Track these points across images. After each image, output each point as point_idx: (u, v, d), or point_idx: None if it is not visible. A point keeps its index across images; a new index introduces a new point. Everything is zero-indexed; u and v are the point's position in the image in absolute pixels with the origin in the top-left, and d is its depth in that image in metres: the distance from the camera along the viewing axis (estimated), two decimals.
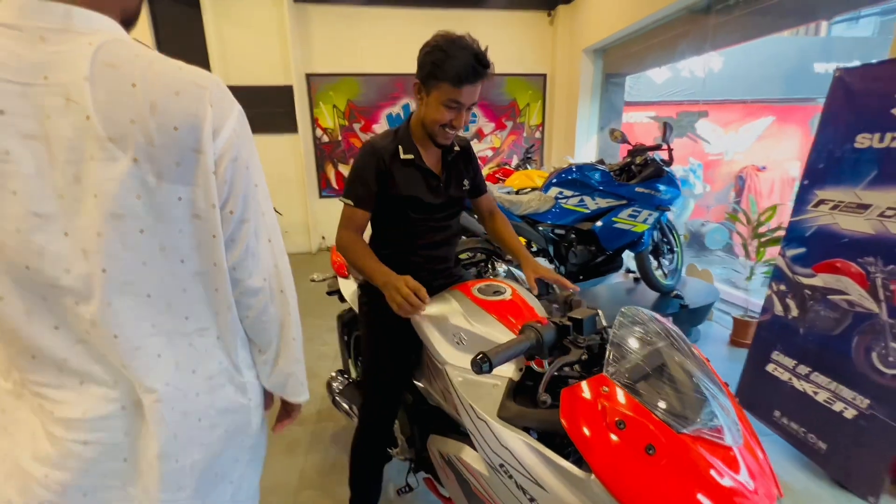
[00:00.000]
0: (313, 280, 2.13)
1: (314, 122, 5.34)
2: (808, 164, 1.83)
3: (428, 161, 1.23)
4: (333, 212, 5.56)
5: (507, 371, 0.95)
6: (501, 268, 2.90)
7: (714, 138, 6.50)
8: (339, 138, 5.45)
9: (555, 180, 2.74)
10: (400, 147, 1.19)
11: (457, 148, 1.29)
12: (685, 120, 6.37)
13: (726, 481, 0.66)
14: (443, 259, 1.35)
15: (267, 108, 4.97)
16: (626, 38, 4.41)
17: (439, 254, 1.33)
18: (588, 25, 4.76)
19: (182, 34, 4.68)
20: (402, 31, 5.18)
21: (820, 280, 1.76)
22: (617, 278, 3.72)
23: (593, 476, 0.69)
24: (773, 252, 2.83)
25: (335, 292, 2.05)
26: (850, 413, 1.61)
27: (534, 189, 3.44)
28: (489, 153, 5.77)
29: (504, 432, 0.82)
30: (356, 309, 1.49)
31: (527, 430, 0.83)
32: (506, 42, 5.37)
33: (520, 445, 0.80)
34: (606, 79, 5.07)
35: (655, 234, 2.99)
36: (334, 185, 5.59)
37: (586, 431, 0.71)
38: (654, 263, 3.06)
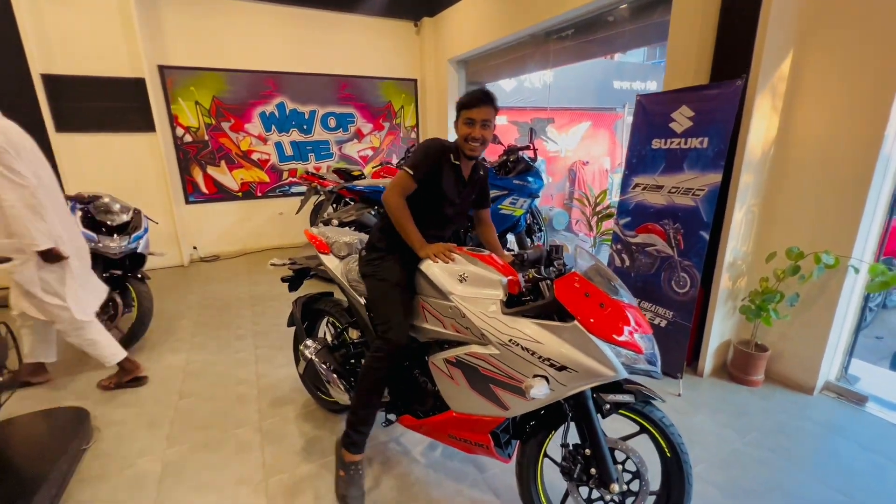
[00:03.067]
0: (273, 265, 2.22)
1: (173, 119, 4.81)
2: (626, 159, 2.65)
3: (464, 172, 1.71)
4: (206, 220, 5.17)
5: (497, 295, 1.42)
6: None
7: (555, 139, 7.93)
8: (206, 138, 5.02)
9: None
10: (452, 154, 1.65)
11: (481, 172, 1.81)
12: (538, 125, 7.63)
13: (633, 319, 1.26)
14: (442, 239, 1.83)
15: (115, 103, 4.31)
16: (484, 52, 5.14)
17: (442, 235, 1.81)
18: (451, 38, 5.37)
19: None
20: (272, 27, 5.03)
21: (640, 238, 2.59)
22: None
23: (574, 322, 1.22)
24: (606, 225, 3.80)
25: (291, 279, 2.18)
26: (663, 323, 2.45)
27: None
28: (370, 153, 6.00)
29: (511, 318, 1.34)
30: (343, 280, 1.90)
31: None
32: (378, 47, 5.67)
33: (523, 322, 1.32)
34: (469, 86, 5.79)
35: (528, 217, 3.72)
36: (203, 189, 5.13)
37: (572, 300, 1.25)
38: (528, 241, 3.80)
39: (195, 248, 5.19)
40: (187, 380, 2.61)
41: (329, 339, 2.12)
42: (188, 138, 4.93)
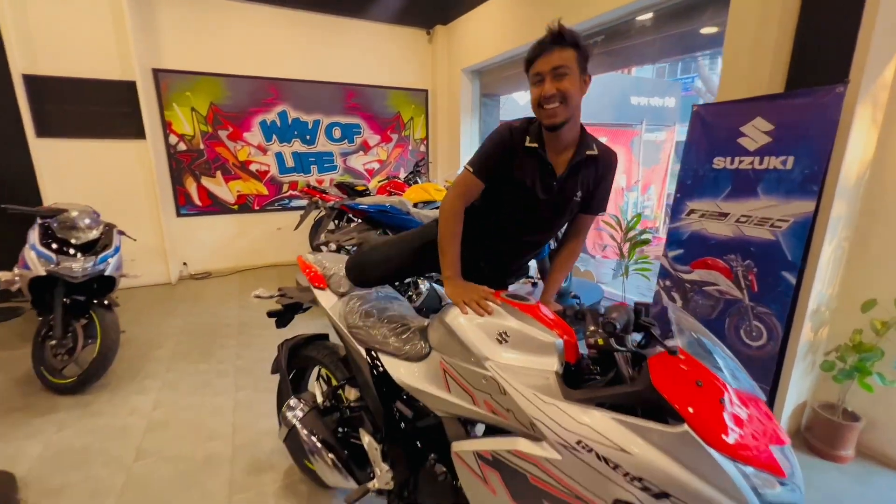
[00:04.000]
0: (258, 297, 1.81)
1: (166, 126, 4.48)
2: (679, 181, 2.24)
3: (553, 156, 1.26)
4: (197, 234, 4.78)
5: (551, 364, 1.02)
6: (424, 285, 2.85)
7: None
8: (202, 146, 4.68)
9: None
10: (528, 135, 1.24)
11: (591, 152, 1.28)
12: None
13: (761, 419, 0.87)
14: (515, 264, 1.45)
15: (102, 107, 3.98)
16: (501, 62, 4.81)
17: (514, 258, 1.43)
18: (465, 47, 5.05)
19: None
20: (277, 32, 4.73)
21: (696, 275, 2.16)
22: (518, 283, 3.99)
23: (684, 427, 0.79)
24: (644, 252, 3.38)
25: (280, 314, 1.78)
26: None
27: (430, 203, 3.49)
28: (376, 165, 5.64)
29: (579, 410, 0.91)
30: (340, 325, 1.48)
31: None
32: (388, 55, 5.36)
33: (600, 418, 0.88)
34: (483, 98, 5.45)
35: (552, 242, 3.31)
36: (196, 201, 4.77)
37: (678, 390, 0.82)
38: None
39: (185, 264, 4.80)
40: (150, 432, 2.17)
41: (320, 396, 1.70)
42: (182, 146, 4.59)
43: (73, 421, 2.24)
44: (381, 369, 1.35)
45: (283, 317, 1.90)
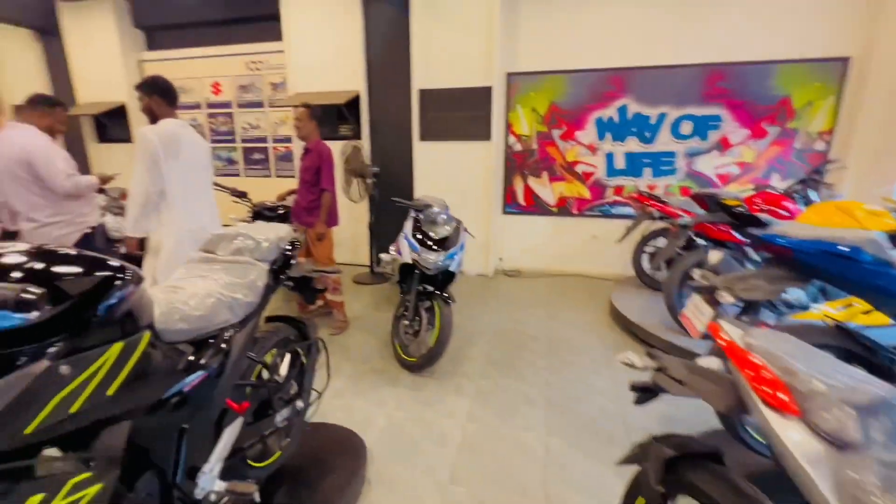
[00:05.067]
0: (628, 364, 1.37)
1: (507, 127, 4.68)
2: None
3: None
4: (516, 231, 4.80)
5: None
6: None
7: None
8: (534, 146, 4.67)
9: None
10: None
11: None
12: None
13: None
14: None
15: (461, 112, 4.48)
16: None
17: None
18: None
19: (389, 36, 4.52)
20: (630, 12, 4.12)
21: None
22: None
23: None
24: None
25: (646, 391, 1.22)
26: None
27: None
28: (734, 170, 4.25)
29: None
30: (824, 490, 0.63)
31: None
32: (782, 14, 3.82)
33: None
34: None
35: None
36: (521, 200, 4.84)
37: None
38: None
39: (501, 259, 5.02)
40: (464, 451, 2.05)
41: None
42: (518, 147, 4.72)
43: (408, 402, 2.42)
44: None
45: (648, 395, 1.28)
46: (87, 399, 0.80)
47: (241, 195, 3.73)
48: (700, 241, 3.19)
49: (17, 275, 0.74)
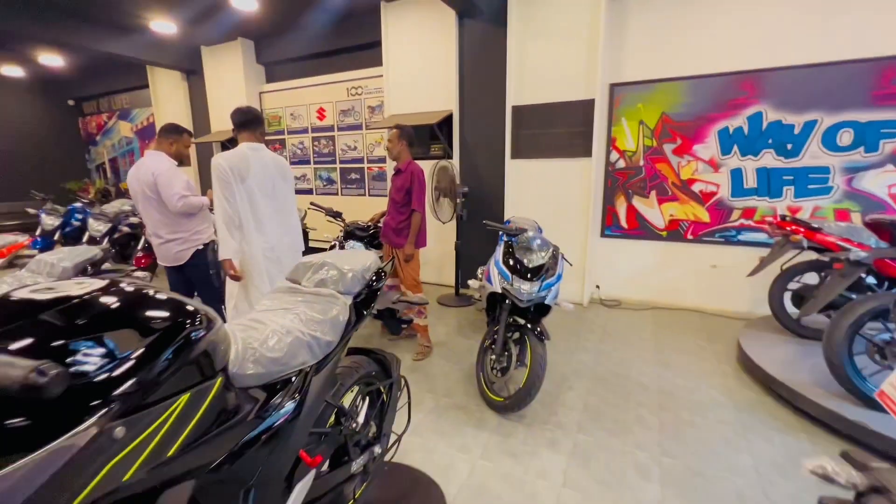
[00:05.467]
0: (822, 476, 0.94)
1: (610, 142, 4.26)
2: None
3: None
4: (615, 257, 4.27)
5: None
6: None
7: None
8: (641, 163, 4.18)
9: None
10: None
11: None
12: None
13: None
14: None
15: (559, 129, 4.19)
16: None
17: None
18: None
19: (484, 53, 4.42)
20: (770, 7, 3.49)
21: None
22: None
23: None
24: None
25: None
26: None
27: None
28: None
29: None
30: None
31: None
32: None
33: None
34: None
35: None
36: (623, 223, 4.35)
37: None
38: None
39: (598, 286, 4.54)
40: None
41: None
42: (621, 164, 4.26)
43: (494, 450, 2.16)
44: None
45: None
46: (143, 463, 0.70)
47: (336, 215, 3.84)
48: (871, 281, 2.48)
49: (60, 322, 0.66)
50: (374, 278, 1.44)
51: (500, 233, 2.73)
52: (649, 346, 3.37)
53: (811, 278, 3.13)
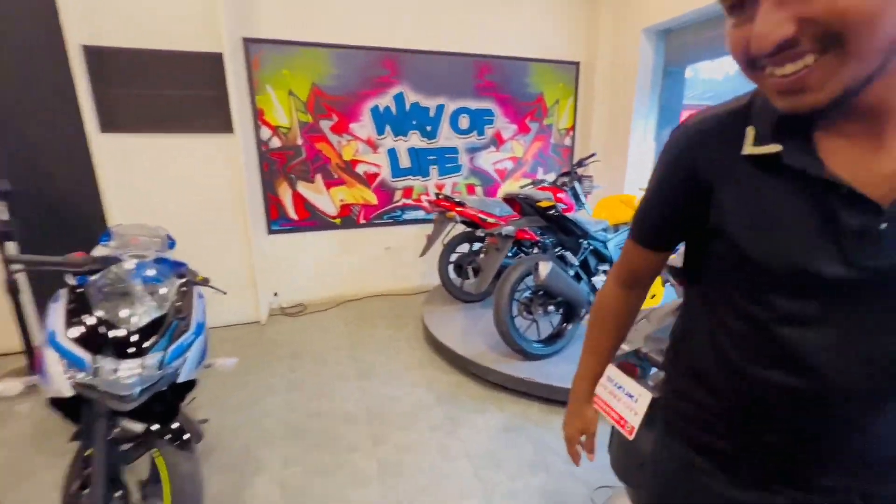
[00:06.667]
0: None
1: (257, 115, 3.39)
2: None
3: (842, 165, 0.45)
4: (290, 254, 3.40)
5: None
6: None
7: None
8: (299, 142, 3.55)
9: None
10: (753, 128, 0.50)
11: None
12: None
13: None
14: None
15: (178, 90, 2.94)
16: (704, 18, 3.23)
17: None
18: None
19: None
20: None
21: None
22: None
23: None
24: None
25: None
26: None
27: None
28: (508, 165, 4.27)
29: None
30: None
31: None
32: (533, 17, 3.95)
33: None
34: (666, 70, 3.88)
35: None
36: (291, 214, 3.66)
37: None
38: None
39: (276, 294, 3.73)
40: None
41: None
42: (276, 142, 3.49)
43: None
44: None
45: None
46: None
47: None
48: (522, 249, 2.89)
49: None
50: None
51: (64, 272, 1.42)
52: (344, 357, 2.92)
53: (467, 248, 3.50)
